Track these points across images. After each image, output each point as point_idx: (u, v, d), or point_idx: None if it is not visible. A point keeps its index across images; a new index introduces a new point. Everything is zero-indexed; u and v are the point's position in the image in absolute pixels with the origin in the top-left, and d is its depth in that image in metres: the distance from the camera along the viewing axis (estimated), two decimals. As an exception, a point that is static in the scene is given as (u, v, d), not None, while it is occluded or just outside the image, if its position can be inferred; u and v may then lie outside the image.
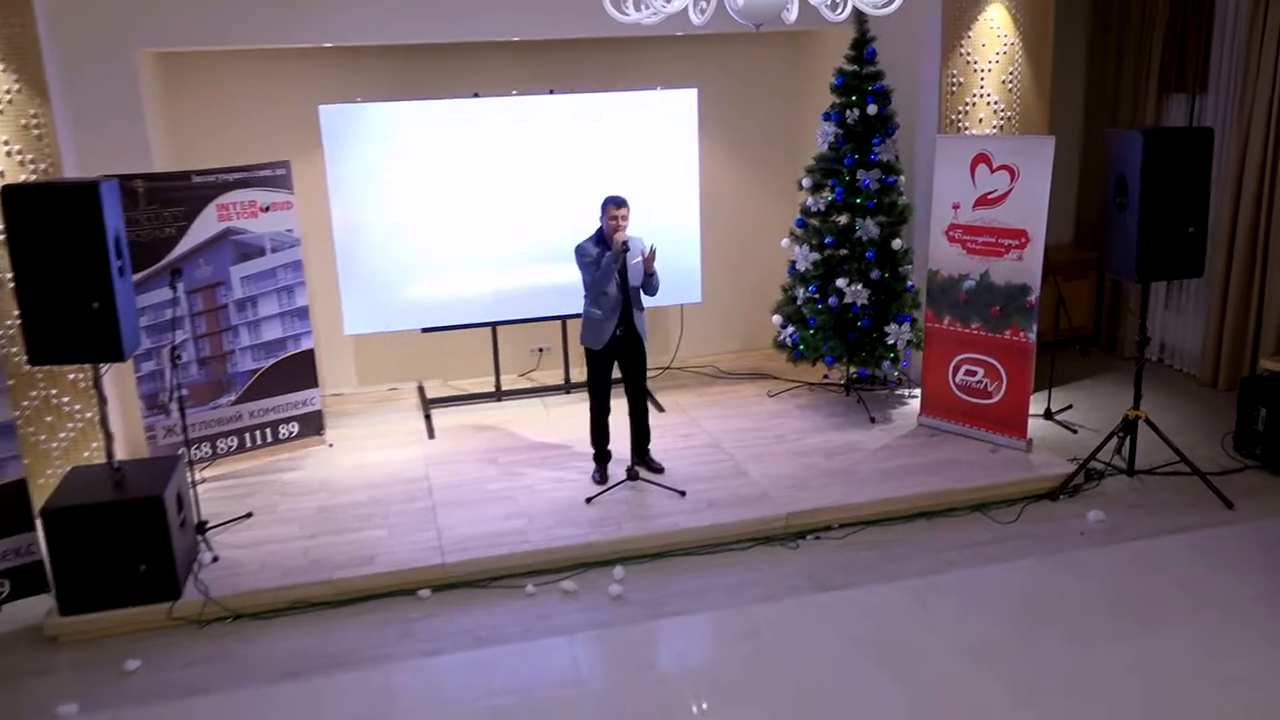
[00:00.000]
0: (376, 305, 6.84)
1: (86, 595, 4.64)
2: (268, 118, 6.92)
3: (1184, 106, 7.55)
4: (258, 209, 6.14)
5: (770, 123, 7.94)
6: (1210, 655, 4.24)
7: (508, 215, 6.89)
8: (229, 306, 6.14)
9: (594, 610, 4.79)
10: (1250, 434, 6.14)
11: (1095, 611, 4.60)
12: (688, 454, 6.24)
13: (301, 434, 6.52)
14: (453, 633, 4.63)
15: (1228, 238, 7.00)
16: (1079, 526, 5.41)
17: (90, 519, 4.59)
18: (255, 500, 5.82)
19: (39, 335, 4.47)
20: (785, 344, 7.00)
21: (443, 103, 6.75)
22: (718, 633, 4.63)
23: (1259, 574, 4.88)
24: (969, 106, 6.85)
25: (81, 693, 4.24)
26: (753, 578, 5.03)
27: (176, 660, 4.48)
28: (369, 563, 5.07)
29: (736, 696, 4.10)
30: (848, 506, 5.53)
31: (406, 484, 5.98)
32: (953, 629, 4.50)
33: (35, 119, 5.52)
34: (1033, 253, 5.94)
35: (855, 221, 6.63)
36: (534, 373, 7.90)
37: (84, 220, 4.40)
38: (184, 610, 4.76)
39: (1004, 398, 6.17)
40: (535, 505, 5.62)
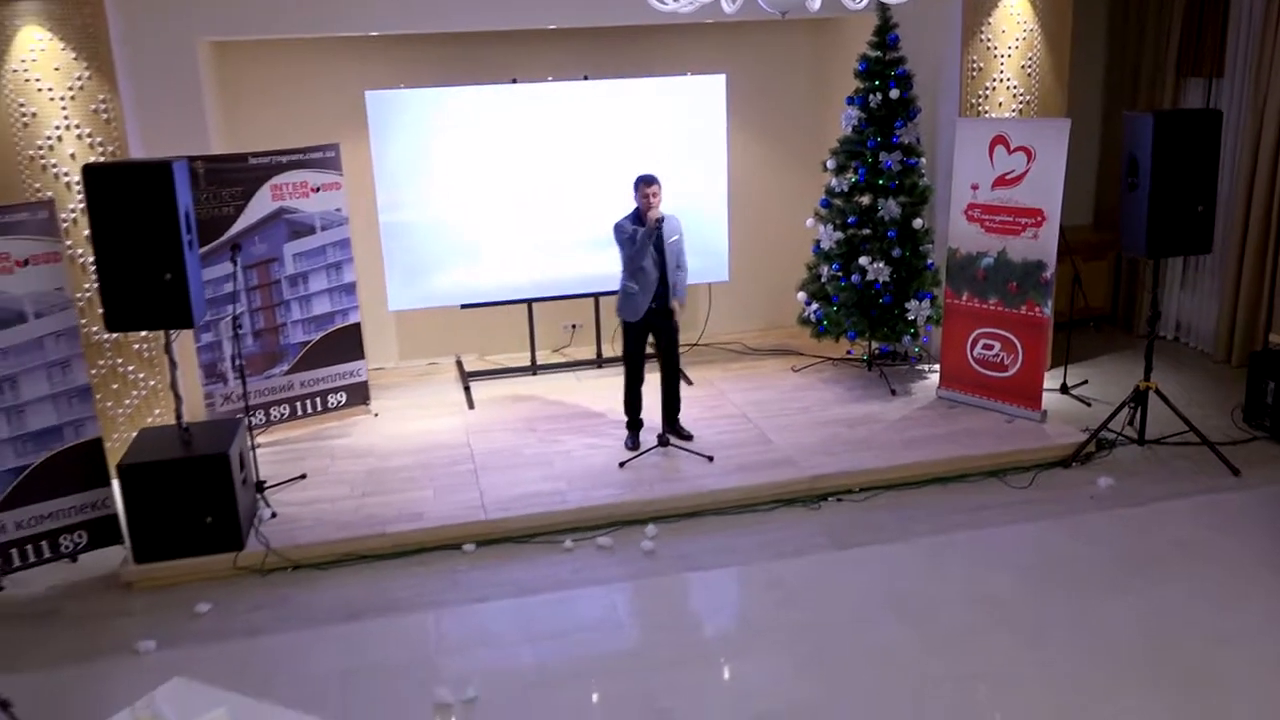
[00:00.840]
0: (418, 282, 7.18)
1: (158, 545, 5.01)
2: (316, 103, 7.26)
3: (1201, 91, 7.74)
4: (309, 189, 6.48)
5: (795, 107, 8.20)
6: (1210, 609, 4.50)
7: (543, 196, 7.20)
8: (281, 282, 6.49)
9: (628, 564, 5.11)
10: (1259, 406, 6.37)
11: (1100, 568, 4.87)
12: (715, 423, 6.54)
13: (349, 403, 6.88)
14: (496, 583, 4.97)
15: (1242, 217, 7.20)
16: (1089, 491, 5.67)
17: (162, 474, 4.96)
18: (307, 464, 6.18)
19: (116, 304, 4.83)
20: (809, 320, 7.28)
21: (482, 88, 7.06)
22: (744, 584, 4.94)
23: (1261, 537, 5.13)
24: (989, 91, 7.08)
25: (158, 631, 4.61)
26: (777, 536, 5.33)
27: (242, 604, 4.84)
28: (417, 519, 5.42)
29: (761, 639, 4.42)
30: (867, 471, 5.82)
31: (449, 450, 6.32)
32: (963, 582, 4.79)
33: (104, 104, 5.88)
34: (1048, 231, 6.18)
35: (877, 202, 6.88)
36: (566, 348, 8.22)
37: (158, 197, 4.75)
38: (247, 560, 5.13)
39: (1020, 371, 6.43)
40: (571, 469, 5.95)
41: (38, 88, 5.76)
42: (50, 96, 5.79)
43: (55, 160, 5.86)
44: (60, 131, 5.84)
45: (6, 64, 5.70)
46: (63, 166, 5.87)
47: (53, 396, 5.02)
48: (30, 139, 5.80)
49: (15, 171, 5.80)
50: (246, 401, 5.80)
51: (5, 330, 4.85)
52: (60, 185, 5.87)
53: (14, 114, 5.76)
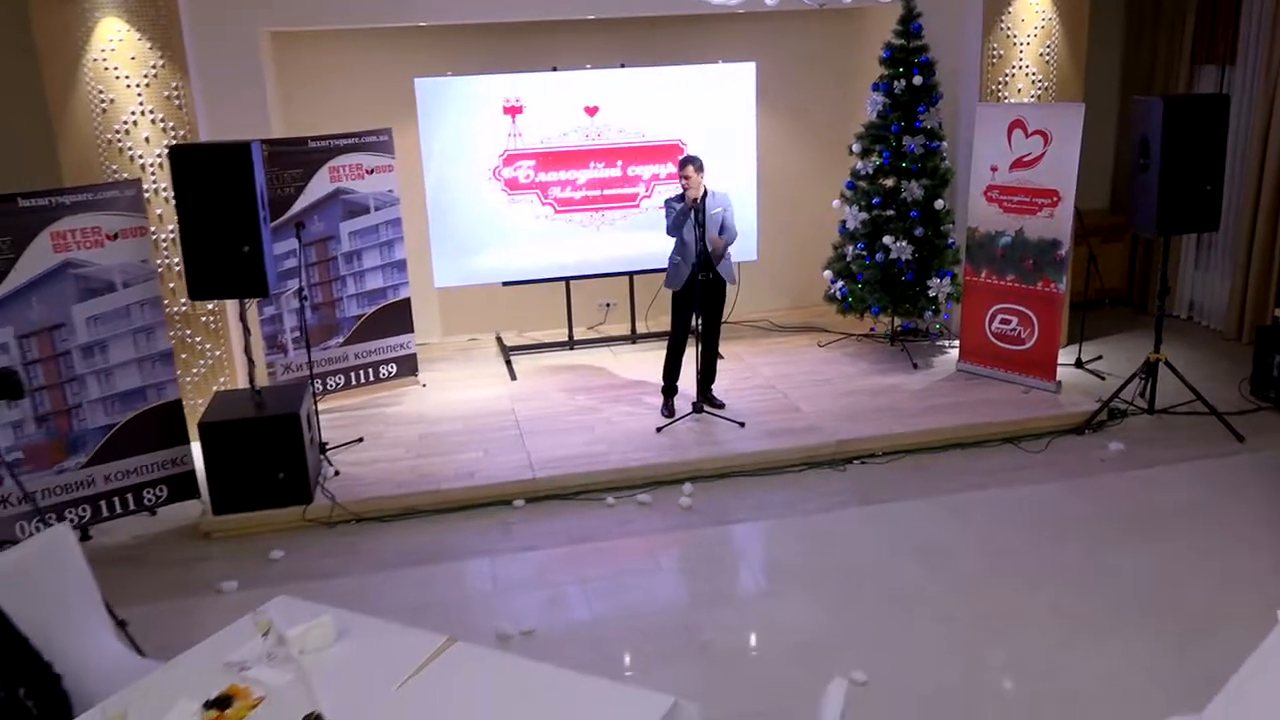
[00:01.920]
0: (462, 261, 7.58)
1: (234, 497, 5.44)
2: (366, 89, 7.66)
3: (1214, 77, 8.02)
4: (363, 171, 6.88)
5: (821, 93, 8.53)
6: (1211, 559, 4.84)
7: (581, 179, 7.57)
8: (338, 258, 6.90)
9: (667, 518, 5.50)
10: (1266, 379, 6.68)
11: (1108, 522, 5.22)
12: (746, 393, 6.91)
13: (399, 374, 7.29)
14: (546, 533, 5.38)
15: (1253, 198, 7.49)
16: (1100, 456, 6.01)
17: (239, 432, 5.39)
18: (363, 429, 6.59)
19: (198, 275, 5.25)
20: (835, 297, 7.63)
21: (524, 75, 7.44)
22: (775, 535, 5.32)
23: (1263, 497, 5.46)
24: (1008, 77, 7.40)
25: (238, 574, 5.04)
26: (805, 494, 5.71)
27: (313, 552, 5.26)
28: (469, 477, 5.82)
29: (792, 582, 4.79)
30: (891, 436, 6.18)
31: (495, 416, 6.72)
32: (980, 534, 5.15)
33: (176, 90, 6.30)
34: (1063, 210, 6.51)
35: (901, 184, 7.23)
36: (601, 325, 8.60)
37: (238, 175, 5.16)
38: (315, 513, 5.55)
39: (1036, 344, 6.76)
40: (611, 433, 6.34)
41: (115, 76, 6.18)
42: (127, 84, 6.21)
43: (131, 144, 6.28)
44: (136, 116, 6.26)
45: (87, 53, 6.12)
46: (137, 149, 6.29)
47: (138, 360, 5.44)
48: (108, 124, 6.22)
49: (94, 154, 6.23)
50: (311, 369, 6.22)
51: (97, 299, 5.27)
52: (135, 167, 6.29)
53: (94, 100, 6.18)
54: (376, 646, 3.20)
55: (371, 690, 2.93)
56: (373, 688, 2.94)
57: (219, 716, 2.84)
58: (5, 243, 5.01)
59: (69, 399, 5.26)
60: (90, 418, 5.33)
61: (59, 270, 5.16)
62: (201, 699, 2.91)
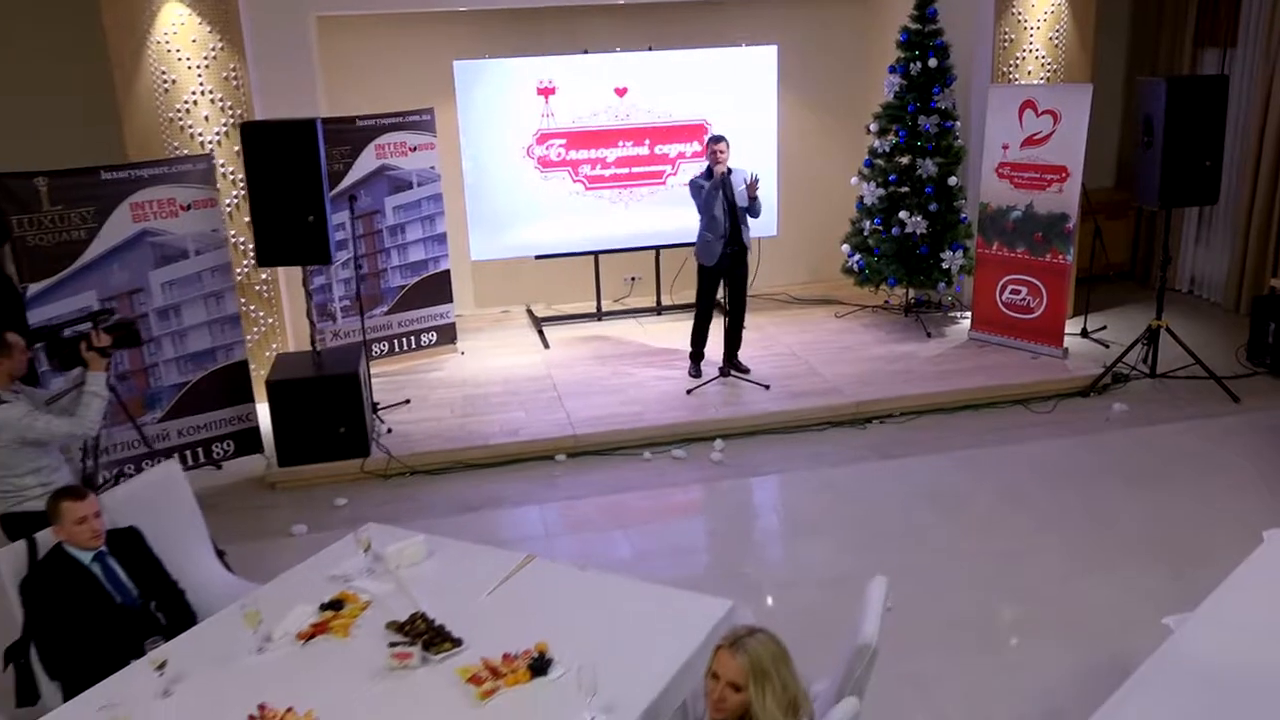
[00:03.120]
0: (497, 235, 7.96)
1: (299, 450, 5.85)
2: (405, 72, 8.02)
3: (1216, 60, 8.38)
4: (407, 149, 7.26)
5: (839, 75, 8.88)
6: (1205, 503, 5.24)
7: (610, 157, 7.95)
8: (383, 231, 7.28)
9: (700, 470, 5.91)
10: (1261, 346, 7.06)
11: (1111, 472, 5.62)
12: (769, 360, 7.30)
13: (439, 342, 7.69)
14: (588, 484, 5.79)
15: (1251, 174, 7.86)
16: (1105, 415, 6.40)
17: (303, 390, 5.80)
18: (408, 392, 6.99)
19: (267, 242, 5.65)
20: (853, 270, 8.01)
21: (557, 58, 7.81)
22: (800, 485, 5.72)
23: (1256, 451, 5.85)
24: (1019, 60, 7.76)
25: (305, 519, 5.45)
26: (827, 450, 6.11)
27: (373, 500, 5.68)
28: (514, 434, 6.23)
29: (818, 525, 5.21)
30: (906, 397, 6.58)
31: (533, 380, 7.12)
32: (992, 483, 5.56)
33: (234, 71, 6.68)
34: (1071, 186, 6.88)
35: (916, 161, 7.60)
36: (625, 299, 8.98)
37: (304, 150, 5.55)
38: (372, 466, 5.96)
39: (1044, 312, 7.15)
40: (644, 395, 6.74)
41: (177, 58, 6.56)
42: (188, 65, 6.59)
43: (191, 122, 6.66)
44: (196, 96, 6.64)
45: (151, 36, 6.50)
46: (197, 127, 6.67)
47: (208, 323, 5.85)
48: (170, 103, 6.60)
49: (157, 132, 6.61)
50: (365, 334, 6.62)
51: (171, 265, 5.67)
52: (195, 144, 6.67)
53: (156, 81, 6.56)
54: (463, 563, 3.61)
55: (464, 597, 3.34)
56: (465, 595, 3.35)
57: (334, 616, 3.25)
58: (89, 212, 5.41)
59: (145, 358, 5.66)
60: (165, 376, 5.74)
61: (137, 238, 5.56)
62: (316, 603, 3.33)
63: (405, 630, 3.12)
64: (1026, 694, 3.84)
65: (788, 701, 2.36)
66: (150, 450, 5.32)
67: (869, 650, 2.64)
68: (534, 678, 2.89)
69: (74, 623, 3.25)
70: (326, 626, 3.19)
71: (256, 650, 3.09)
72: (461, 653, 3.02)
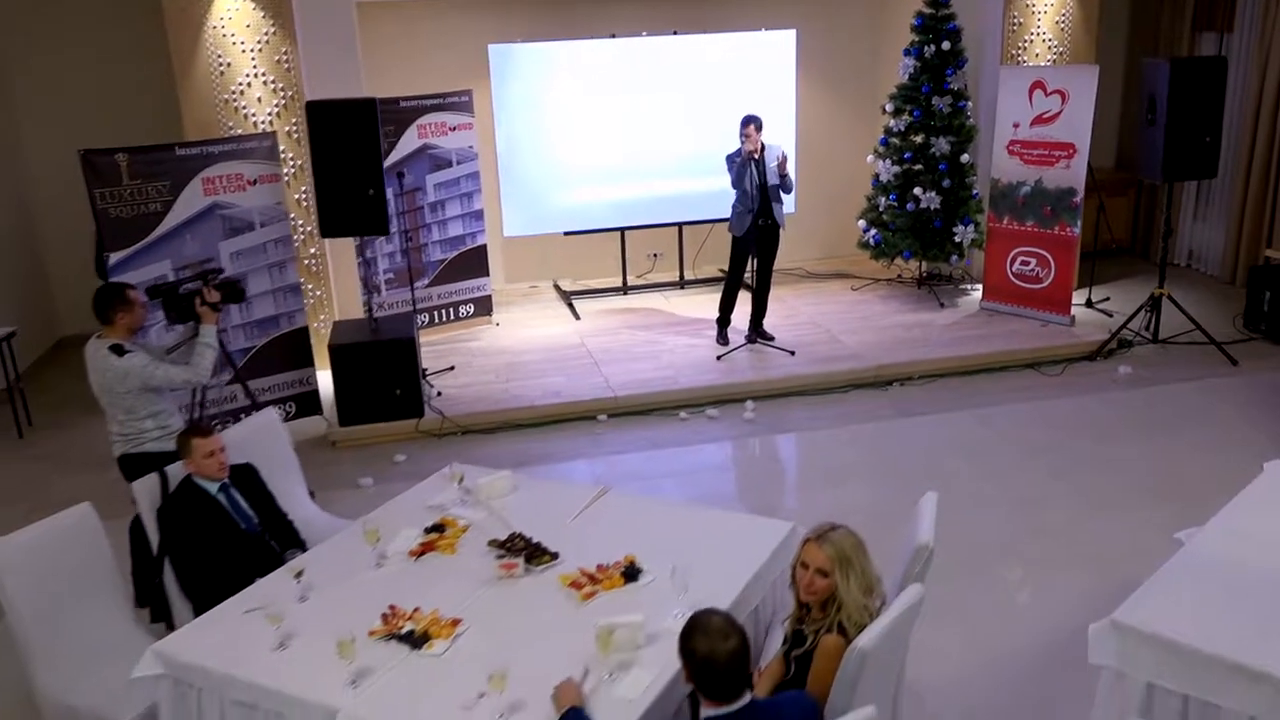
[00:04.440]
0: (528, 212, 8.33)
1: (358, 410, 6.23)
2: (440, 56, 8.37)
3: (1214, 43, 8.77)
4: (447, 129, 7.62)
5: (855, 58, 9.25)
6: (1207, 453, 5.66)
7: (637, 138, 8.31)
8: (424, 208, 7.65)
9: (732, 428, 6.31)
10: (1257, 313, 7.48)
11: (1119, 426, 6.04)
12: (792, 329, 7.69)
13: (476, 314, 8.07)
14: (629, 441, 6.18)
15: (1247, 150, 8.27)
16: (1111, 376, 6.82)
17: (363, 354, 6.17)
18: (451, 360, 7.36)
19: (329, 214, 6.01)
20: (869, 244, 8.41)
21: (586, 42, 8.17)
22: (829, 440, 6.12)
23: (1252, 406, 6.27)
24: (1027, 43, 8.15)
25: (370, 473, 5.83)
26: (852, 410, 6.51)
27: (430, 456, 6.05)
28: (557, 395, 6.62)
29: (848, 474, 5.61)
30: (925, 361, 6.98)
31: (569, 348, 7.51)
32: (1008, 437, 5.96)
33: (285, 55, 7.02)
34: (1079, 162, 7.28)
35: (930, 140, 7.98)
36: (648, 274, 9.36)
37: (364, 127, 5.91)
38: (426, 425, 6.35)
39: (1053, 282, 7.55)
40: (676, 361, 7.13)
41: (232, 42, 6.90)
42: (242, 49, 6.93)
43: (245, 103, 7.01)
44: (250, 79, 6.98)
45: (208, 22, 6.84)
46: (251, 108, 7.02)
47: (272, 292, 6.21)
48: (225, 85, 6.95)
49: (213, 112, 6.96)
50: (414, 302, 6.99)
51: (239, 236, 6.04)
52: (249, 124, 7.02)
53: (212, 64, 6.91)
54: (544, 495, 4.01)
55: (551, 522, 3.72)
56: (552, 520, 3.74)
57: (439, 537, 3.65)
58: (164, 186, 5.77)
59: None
60: (233, 341, 6.10)
61: (208, 211, 5.92)
62: (420, 527, 3.72)
63: (506, 547, 3.51)
64: (1050, 611, 4.25)
65: (867, 585, 2.76)
66: (253, 401, 5.71)
67: (927, 549, 3.05)
68: (627, 583, 3.29)
69: (205, 545, 3.64)
70: (434, 545, 3.58)
71: (375, 565, 3.49)
72: (559, 565, 3.42)
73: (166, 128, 7.25)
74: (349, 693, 2.82)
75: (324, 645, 2.99)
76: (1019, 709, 3.72)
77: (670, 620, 3.04)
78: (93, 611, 3.49)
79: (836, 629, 2.73)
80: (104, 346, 4.07)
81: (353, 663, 2.89)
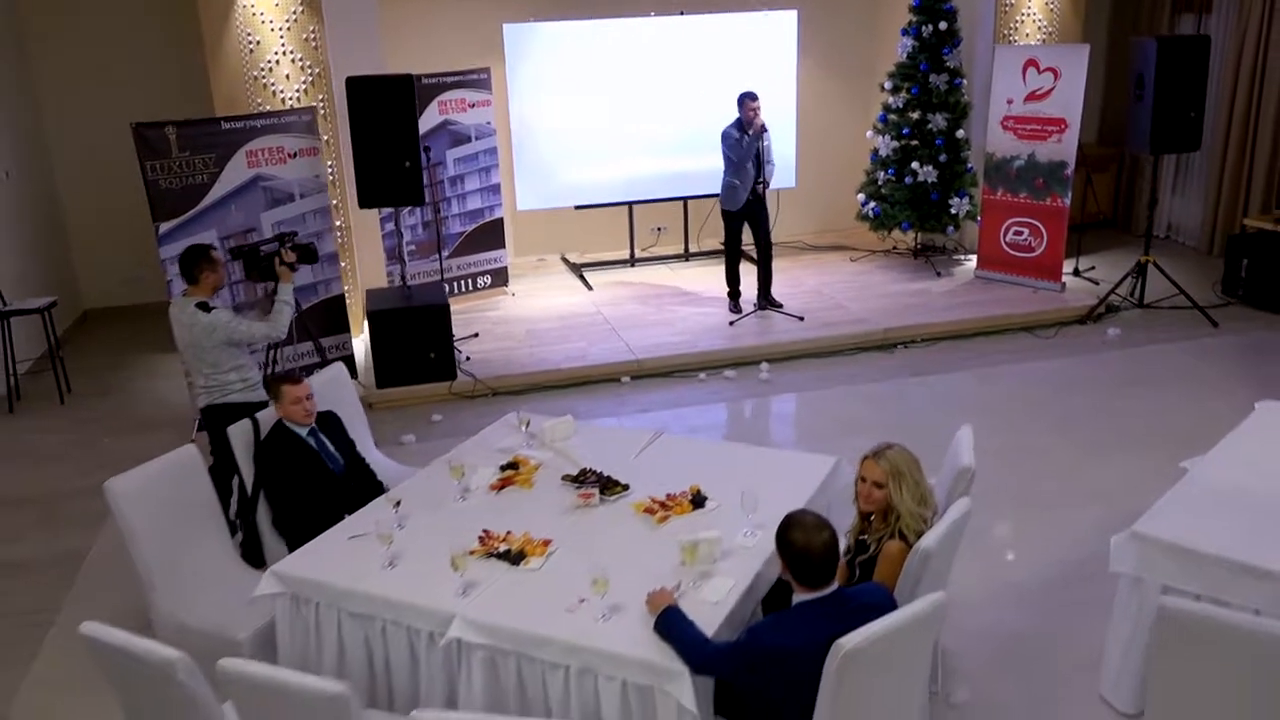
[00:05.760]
0: (541, 187, 8.62)
1: (394, 373, 6.53)
2: (456, 34, 8.63)
3: (1193, 24, 9.21)
4: (466, 105, 7.90)
5: (853, 38, 9.60)
6: (1193, 403, 6.09)
7: (644, 113, 8.63)
8: (444, 182, 7.93)
9: (750, 388, 6.68)
10: (1235, 279, 7.93)
11: (1110, 382, 6.46)
12: (798, 296, 8.06)
13: (493, 285, 8.37)
14: (653, 400, 6.53)
15: (1224, 126, 8.72)
16: (1101, 338, 7.24)
17: (399, 320, 6.47)
18: (473, 328, 7.66)
19: (367, 185, 6.29)
20: (868, 216, 8.79)
21: (595, 22, 8.46)
22: (843, 397, 6.50)
23: (1232, 362, 6.72)
24: (1018, 23, 8.54)
25: (411, 431, 6.14)
26: (862, 371, 6.90)
27: (465, 415, 6.37)
28: (581, 359, 6.96)
29: (863, 427, 5.98)
30: (927, 325, 7.38)
31: (586, 316, 7.84)
32: (1009, 394, 6.37)
33: (312, 33, 7.26)
34: (1070, 136, 7.69)
35: (927, 116, 8.36)
36: (652, 248, 9.69)
37: (402, 101, 6.19)
38: (458, 388, 6.66)
39: (1044, 251, 7.97)
40: (692, 327, 7.48)
41: (262, 20, 7.13)
42: (271, 28, 7.17)
43: (273, 79, 7.24)
44: (278, 56, 7.22)
45: (238, 2, 7.07)
46: (279, 85, 7.26)
47: (311, 260, 6.48)
48: (254, 62, 7.18)
49: (242, 88, 7.19)
50: (442, 272, 7.29)
51: (280, 207, 6.30)
52: (277, 100, 7.25)
53: (242, 42, 7.14)
54: (604, 438, 4.35)
55: (615, 460, 4.06)
56: (615, 458, 4.07)
57: (514, 474, 3.98)
58: (210, 158, 6.03)
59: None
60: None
61: (251, 183, 6.18)
62: (494, 465, 4.05)
63: (579, 480, 3.85)
64: (1061, 541, 4.66)
65: (920, 495, 3.13)
66: (323, 358, 6.01)
67: (969, 471, 3.42)
68: (694, 509, 3.64)
69: (299, 483, 3.94)
70: (512, 480, 3.91)
71: (459, 498, 3.81)
72: (630, 495, 3.76)
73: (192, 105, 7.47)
74: (461, 601, 3.15)
75: (430, 563, 3.32)
76: (1040, 621, 4.12)
77: (740, 538, 3.40)
78: (202, 542, 3.81)
79: (898, 536, 3.09)
80: (190, 304, 4.36)
81: (463, 574, 3.22)
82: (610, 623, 3.01)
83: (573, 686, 2.95)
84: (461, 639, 3.06)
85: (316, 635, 3.37)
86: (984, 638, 3.98)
